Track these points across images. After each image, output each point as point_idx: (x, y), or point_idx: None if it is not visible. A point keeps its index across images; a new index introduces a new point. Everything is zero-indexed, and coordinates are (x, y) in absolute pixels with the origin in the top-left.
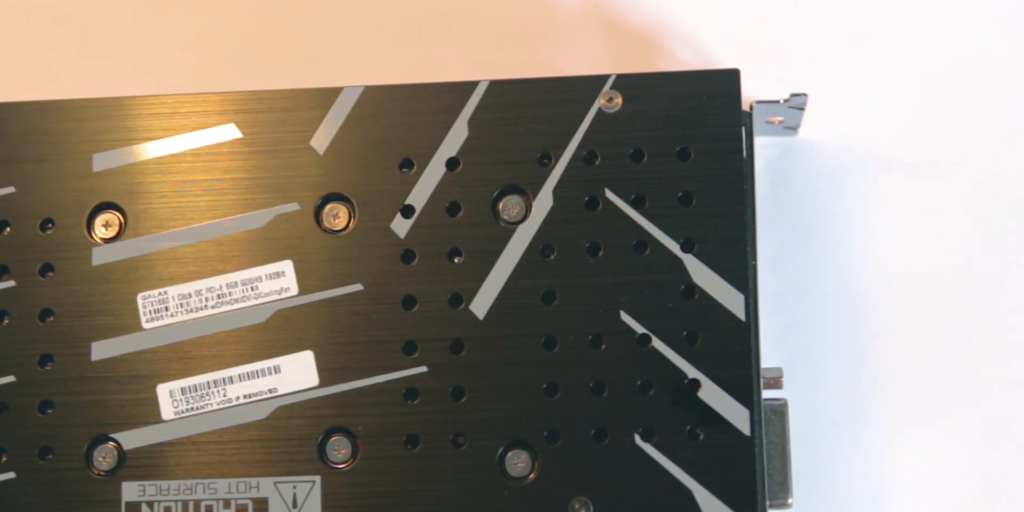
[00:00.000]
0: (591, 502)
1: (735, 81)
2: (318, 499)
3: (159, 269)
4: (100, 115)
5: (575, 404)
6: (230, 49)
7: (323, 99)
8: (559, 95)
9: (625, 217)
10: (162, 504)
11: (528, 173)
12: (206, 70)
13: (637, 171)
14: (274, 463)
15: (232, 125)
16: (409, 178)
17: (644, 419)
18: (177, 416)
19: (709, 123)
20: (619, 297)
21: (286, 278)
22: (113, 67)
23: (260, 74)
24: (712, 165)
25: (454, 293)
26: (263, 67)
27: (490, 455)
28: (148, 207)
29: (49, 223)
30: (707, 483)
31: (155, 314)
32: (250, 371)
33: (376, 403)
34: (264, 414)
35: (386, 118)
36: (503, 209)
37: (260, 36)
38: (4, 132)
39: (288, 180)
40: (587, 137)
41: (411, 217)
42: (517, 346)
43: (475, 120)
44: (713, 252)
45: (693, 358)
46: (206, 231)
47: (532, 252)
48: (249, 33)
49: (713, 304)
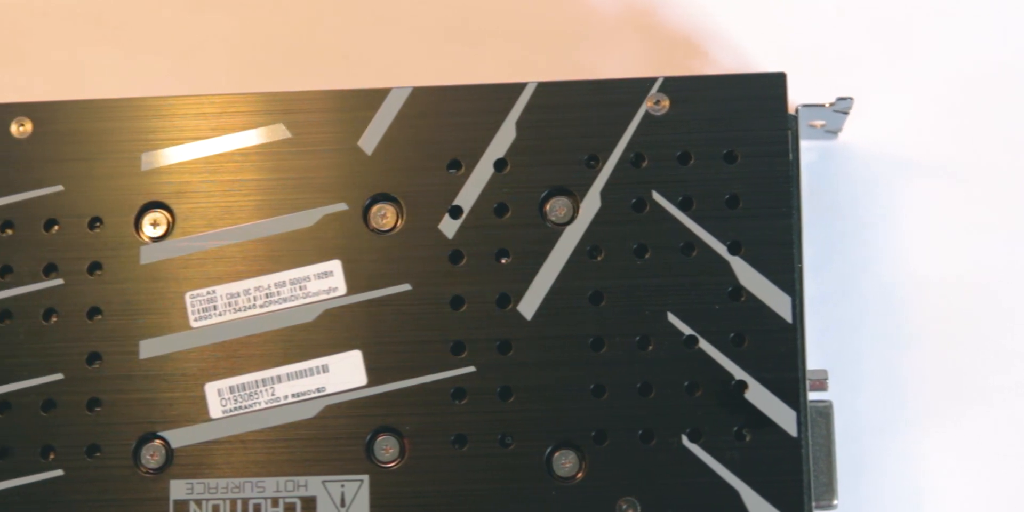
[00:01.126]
0: (638, 502)
1: (782, 84)
2: (366, 498)
3: (207, 268)
4: (148, 114)
5: (623, 405)
6: (268, 50)
7: (371, 100)
8: (606, 97)
9: (672, 219)
10: (210, 502)
11: (575, 175)
12: (244, 71)
13: (684, 173)
14: (322, 462)
15: (281, 125)
16: (457, 179)
17: (691, 420)
18: (225, 415)
19: (756, 126)
20: (666, 298)
21: (334, 278)
22: (151, 67)
23: (298, 75)
24: (759, 168)
25: (502, 294)
26: (301, 68)
27: (538, 455)
28: (196, 206)
29: (97, 222)
30: (754, 484)
31: (203, 313)
32: (298, 370)
33: (424, 403)
34: (312, 413)
35: (434, 119)
36: (550, 210)
37: (298, 37)
38: (51, 131)
39: (336, 180)
40: (634, 139)
41: (459, 218)
42: (565, 347)
43: (523, 121)
44: (760, 254)
45: (740, 359)
46: (254, 230)
47: (580, 253)
48: (287, 34)
49: (760, 306)
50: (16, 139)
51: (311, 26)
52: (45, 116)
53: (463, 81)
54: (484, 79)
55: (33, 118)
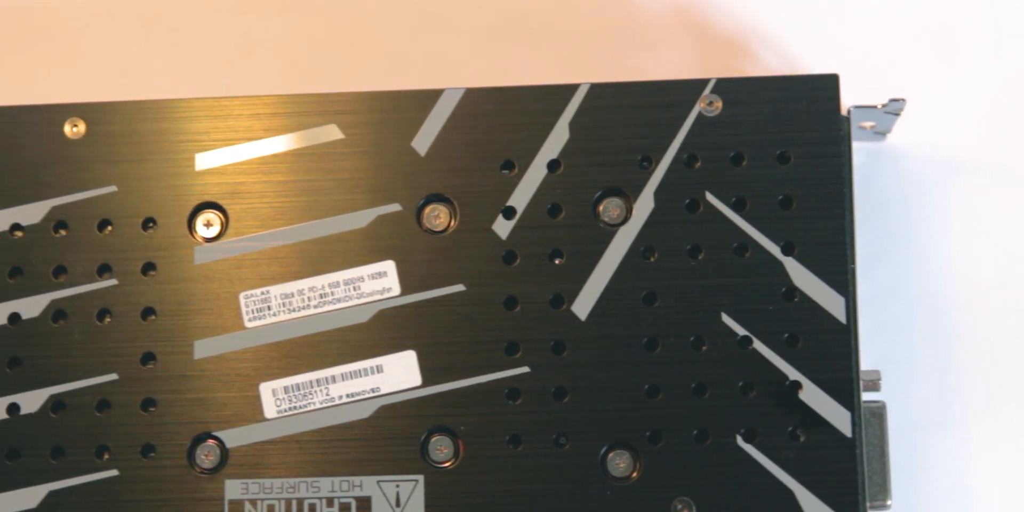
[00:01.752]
0: (693, 503)
1: (834, 86)
2: (421, 498)
3: (261, 268)
4: (202, 115)
5: (677, 405)
6: (317, 51)
7: (424, 101)
8: (659, 98)
9: (726, 220)
10: (265, 502)
11: (629, 175)
12: (295, 72)
13: (737, 174)
14: (377, 462)
15: (334, 126)
16: (510, 180)
17: (746, 420)
18: (280, 415)
19: (808, 127)
20: (720, 299)
21: (388, 278)
22: (201, 68)
23: (348, 76)
24: (812, 169)
25: (556, 294)
26: (351, 69)
27: (592, 455)
28: (250, 207)
29: (151, 222)
30: (809, 484)
31: (257, 313)
32: (353, 370)
33: (479, 403)
34: (367, 413)
35: (487, 120)
36: (603, 211)
37: (347, 39)
38: (105, 132)
39: (389, 181)
40: (687, 140)
41: (512, 218)
42: (619, 347)
43: (576, 122)
44: (813, 255)
45: (794, 360)
46: (308, 231)
47: (633, 254)
48: (337, 36)
49: (814, 306)
50: (70, 140)
51: (360, 27)
52: (99, 117)
53: (512, 83)
54: (533, 81)
55: (87, 119)
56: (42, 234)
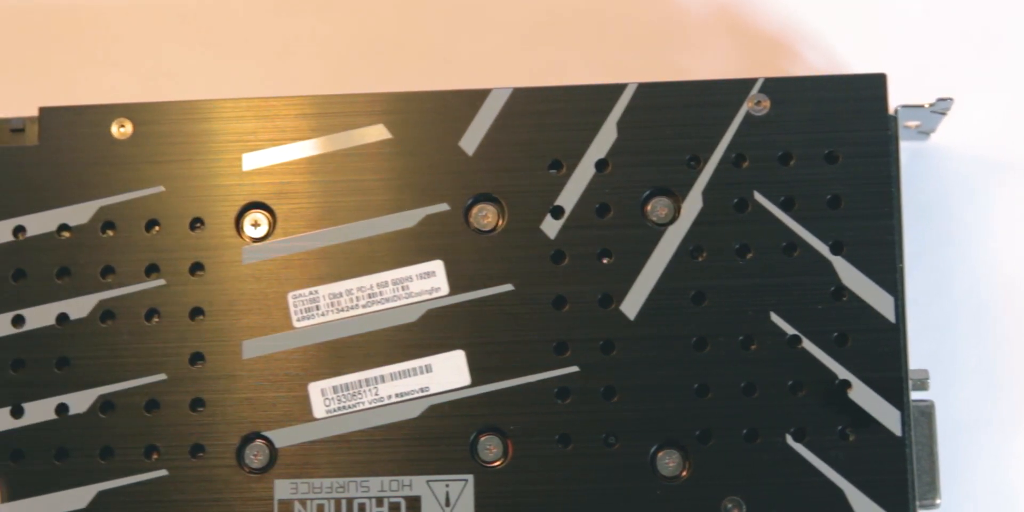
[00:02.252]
0: (743, 502)
1: (882, 85)
2: (471, 498)
3: (309, 268)
4: (249, 115)
5: (727, 404)
6: (357, 51)
7: (472, 100)
8: (707, 98)
9: (774, 219)
10: (315, 502)
11: (677, 175)
12: (333, 72)
13: (785, 174)
14: (426, 462)
15: (381, 126)
16: (558, 179)
17: (795, 419)
18: (329, 414)
19: (856, 127)
20: (769, 298)
21: (437, 278)
22: (240, 69)
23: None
24: (860, 168)
25: (604, 293)
26: (390, 69)
27: (642, 455)
28: (297, 207)
29: (198, 222)
30: (859, 483)
31: (306, 313)
32: (402, 370)
33: (528, 402)
34: (416, 413)
35: (535, 119)
36: (651, 210)
37: (387, 38)
38: (152, 132)
39: (437, 181)
40: (735, 140)
41: (561, 218)
42: (668, 346)
43: (624, 122)
44: (862, 254)
45: (843, 359)
46: (356, 231)
47: (682, 253)
48: (375, 35)
49: (863, 306)
50: (117, 140)
51: (400, 27)
52: (146, 117)
53: (552, 82)
54: (574, 80)
55: (134, 119)
56: (90, 234)
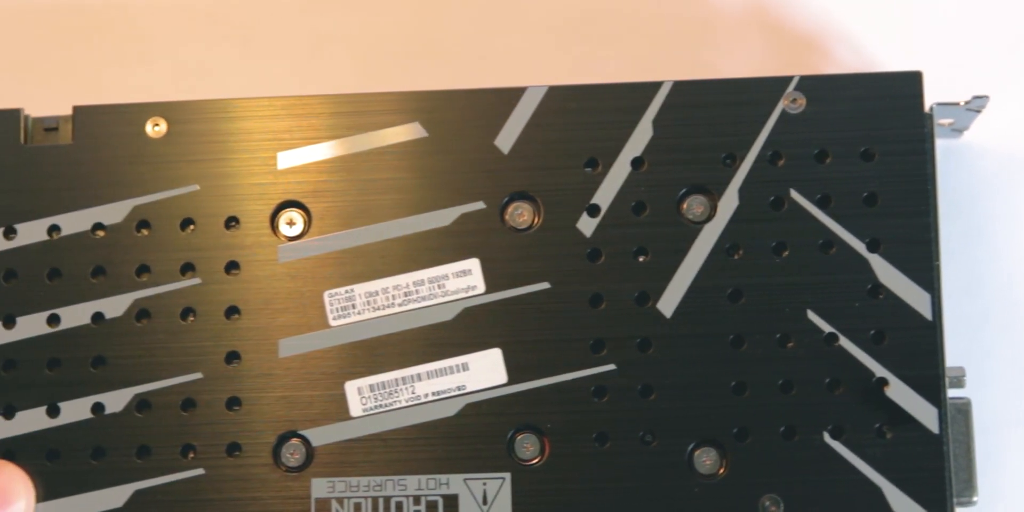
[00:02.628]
0: (781, 499)
1: (918, 83)
2: (508, 496)
3: (345, 267)
4: (283, 113)
5: (764, 402)
6: (388, 49)
7: (507, 98)
8: (743, 96)
9: (811, 217)
10: (352, 500)
11: (713, 173)
12: (363, 71)
13: (821, 171)
14: (463, 460)
15: (417, 124)
16: (594, 177)
17: (833, 417)
18: (365, 413)
19: (892, 124)
20: (805, 296)
21: (473, 276)
22: (272, 67)
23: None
24: (896, 166)
25: (641, 292)
26: (421, 68)
27: (679, 453)
28: (333, 205)
29: (233, 221)
30: (897, 481)
31: (342, 312)
32: (438, 368)
33: (565, 400)
34: (453, 411)
35: (570, 117)
36: (687, 208)
37: (417, 36)
38: (186, 131)
39: (473, 179)
40: (771, 137)
41: (597, 216)
42: (705, 344)
43: (660, 120)
44: (899, 252)
45: (880, 357)
46: (391, 229)
47: (718, 251)
48: (407, 33)
49: (900, 303)
50: (152, 139)
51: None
52: (180, 116)
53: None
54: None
55: (168, 118)
56: (124, 233)
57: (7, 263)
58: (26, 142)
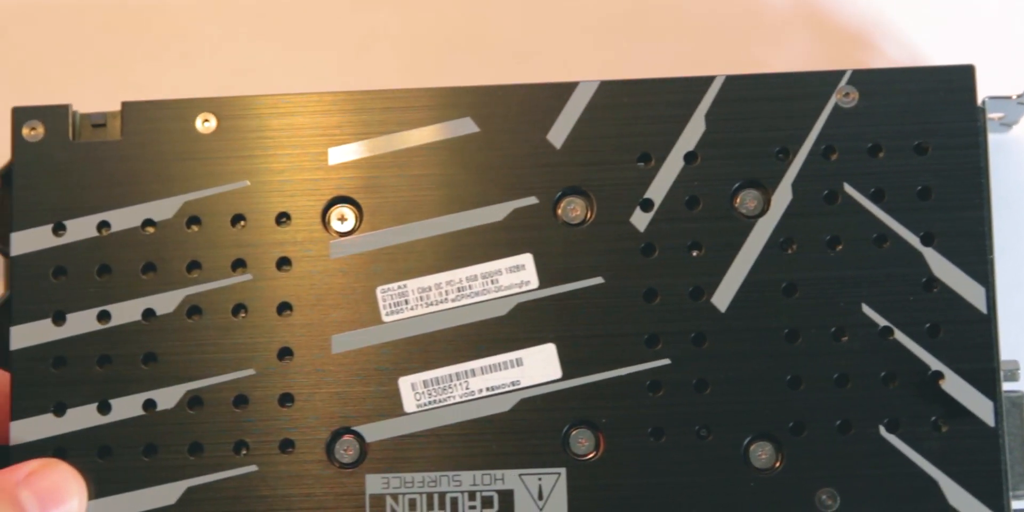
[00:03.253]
0: (838, 493)
1: (970, 77)
2: (564, 491)
3: (397, 263)
4: (334, 109)
5: (819, 396)
6: (433, 46)
7: (559, 93)
8: (795, 90)
9: (864, 211)
10: (406, 496)
11: (766, 167)
12: (409, 67)
13: (875, 165)
14: (518, 455)
15: (468, 119)
16: (647, 172)
17: (888, 411)
18: (420, 409)
19: (945, 118)
20: (860, 290)
21: (526, 271)
22: (316, 62)
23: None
24: (950, 160)
25: (695, 286)
26: (466, 63)
27: (735, 447)
28: (384, 201)
29: (284, 217)
30: (953, 474)
31: (395, 307)
32: (492, 364)
33: (620, 395)
34: (507, 407)
35: (622, 112)
36: (741, 203)
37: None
38: (236, 127)
39: (525, 174)
40: (824, 131)
41: (650, 211)
42: (760, 338)
43: (712, 114)
44: (953, 246)
45: (935, 350)
46: (444, 224)
47: (772, 246)
48: (452, 29)
49: (954, 297)
50: (201, 135)
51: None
52: (230, 111)
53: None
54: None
55: (218, 114)
56: (175, 229)
57: (56, 260)
58: (74, 138)
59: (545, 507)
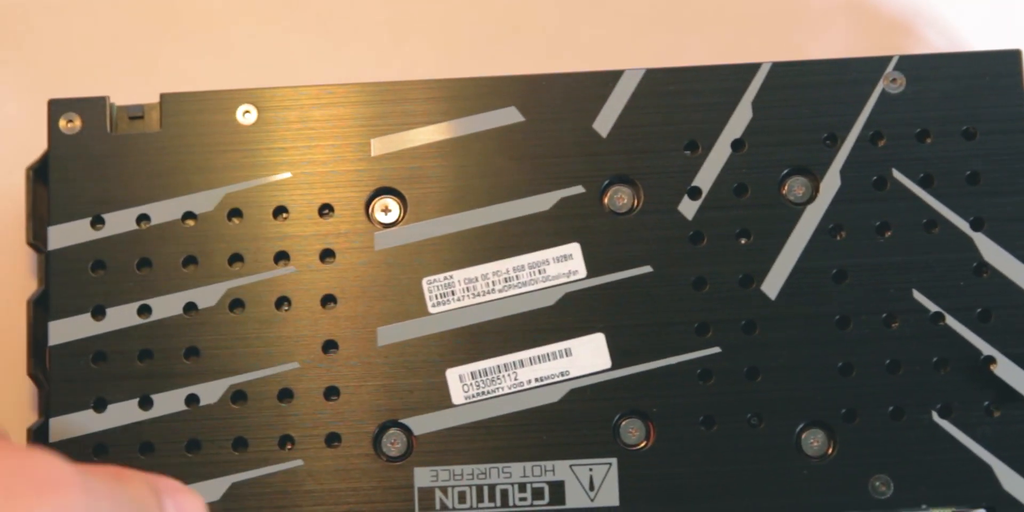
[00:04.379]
0: (891, 480)
1: (1017, 62)
2: (615, 481)
3: (443, 253)
4: (377, 99)
5: (871, 382)
6: (470, 35)
7: (605, 82)
8: (842, 76)
9: (913, 197)
10: (456, 489)
11: (814, 154)
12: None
13: (923, 151)
14: (569, 446)
15: (513, 108)
16: (694, 160)
17: (940, 396)
18: (467, 400)
19: (992, 103)
20: (910, 276)
21: (574, 261)
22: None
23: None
24: (997, 145)
25: (745, 274)
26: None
27: (787, 435)
28: (429, 191)
29: (327, 209)
30: (1006, 459)
31: (441, 298)
32: (541, 354)
33: (670, 384)
34: (556, 397)
35: (668, 100)
36: (789, 190)
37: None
38: (276, 118)
39: (571, 163)
40: (872, 117)
41: (698, 199)
42: (810, 326)
43: (758, 102)
44: (1003, 230)
45: (987, 335)
46: (489, 215)
47: (821, 232)
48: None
49: (1005, 282)
50: (242, 126)
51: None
52: (271, 103)
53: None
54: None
55: (258, 105)
56: (216, 222)
57: (95, 253)
58: (112, 130)
59: (597, 498)
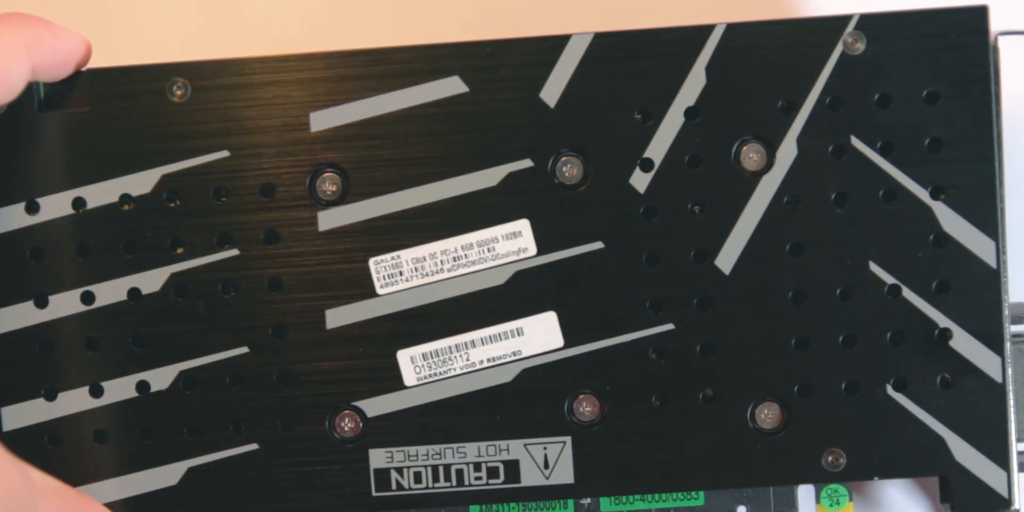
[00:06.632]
0: (845, 453)
1: (984, 18)
2: (570, 459)
3: (389, 232)
4: (315, 71)
5: (826, 357)
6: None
7: (551, 48)
8: (799, 38)
9: (872, 165)
10: (411, 469)
11: (770, 121)
12: (381, 24)
13: (884, 117)
14: (523, 425)
15: (456, 78)
16: (646, 130)
17: (896, 370)
18: (420, 382)
19: (956, 64)
20: (868, 248)
21: (523, 238)
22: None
23: (448, 26)
24: (961, 109)
25: (699, 249)
26: (449, 19)
27: (741, 410)
28: (372, 167)
29: (269, 188)
30: (960, 431)
31: (389, 279)
32: (492, 334)
33: (623, 362)
34: (509, 377)
35: (618, 66)
36: (744, 159)
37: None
38: (210, 93)
39: (519, 135)
40: (830, 82)
41: (650, 171)
42: (765, 301)
43: (713, 66)
44: (963, 199)
45: (944, 307)
46: (435, 191)
47: (777, 203)
48: None
49: (964, 252)
50: (174, 102)
51: None
52: (203, 77)
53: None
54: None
55: (191, 79)
56: (154, 205)
57: (32, 240)
58: (40, 110)
59: (551, 476)
